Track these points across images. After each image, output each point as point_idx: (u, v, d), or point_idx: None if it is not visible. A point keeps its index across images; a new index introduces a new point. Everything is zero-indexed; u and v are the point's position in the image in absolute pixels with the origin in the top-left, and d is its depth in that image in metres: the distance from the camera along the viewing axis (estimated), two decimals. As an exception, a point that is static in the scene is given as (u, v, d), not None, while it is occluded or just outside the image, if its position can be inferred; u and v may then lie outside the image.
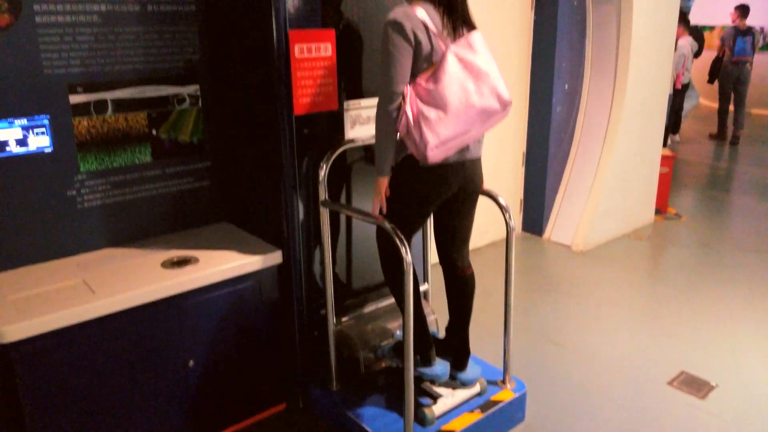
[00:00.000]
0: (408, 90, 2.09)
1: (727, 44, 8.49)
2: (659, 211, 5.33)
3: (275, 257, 2.50)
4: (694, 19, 10.71)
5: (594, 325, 3.46)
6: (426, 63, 2.09)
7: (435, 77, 2.06)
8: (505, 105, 2.11)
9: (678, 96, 7.89)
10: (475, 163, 2.29)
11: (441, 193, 2.23)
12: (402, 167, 2.22)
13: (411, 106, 2.07)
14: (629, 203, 4.91)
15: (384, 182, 2.23)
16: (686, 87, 7.99)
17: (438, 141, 2.06)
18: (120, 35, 2.41)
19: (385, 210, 2.26)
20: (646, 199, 5.12)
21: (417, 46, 2.06)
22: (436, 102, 2.05)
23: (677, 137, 8.52)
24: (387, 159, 2.19)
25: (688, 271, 4.22)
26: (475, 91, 2.06)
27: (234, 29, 2.53)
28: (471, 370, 2.52)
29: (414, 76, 2.10)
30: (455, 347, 2.52)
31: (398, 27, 2.04)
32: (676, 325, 3.46)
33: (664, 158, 5.23)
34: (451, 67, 2.05)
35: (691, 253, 4.58)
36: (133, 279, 2.24)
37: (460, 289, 2.48)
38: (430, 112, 2.05)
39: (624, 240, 4.82)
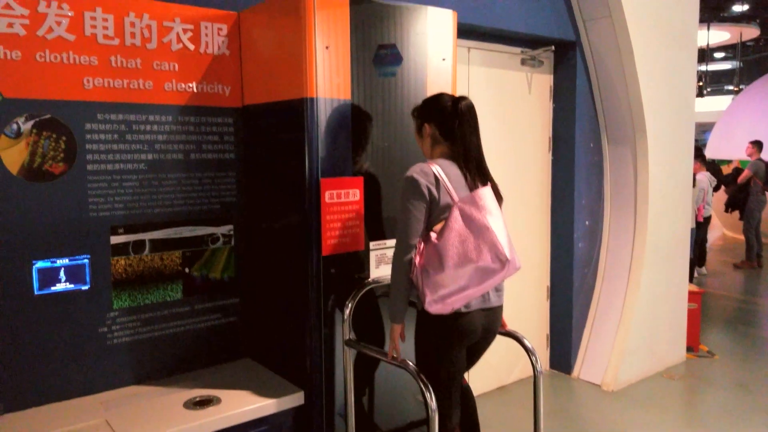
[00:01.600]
0: (420, 243, 2.17)
1: (761, 177, 8.81)
2: (691, 348, 5.18)
3: (297, 398, 2.48)
4: (710, 153, 11.02)
5: (629, 474, 3.28)
6: (441, 216, 2.19)
7: (441, 233, 2.14)
8: (503, 264, 2.11)
9: (701, 229, 7.96)
10: (496, 311, 2.32)
11: (464, 339, 2.25)
12: (424, 315, 2.25)
13: (419, 258, 2.15)
14: (659, 340, 4.80)
15: (398, 329, 2.27)
16: (708, 220, 8.09)
17: (436, 296, 2.11)
18: (163, 181, 2.58)
19: (399, 356, 2.27)
20: (677, 336, 5.01)
21: (431, 202, 2.17)
22: (438, 257, 2.11)
23: (704, 270, 8.48)
24: (400, 307, 2.25)
25: (726, 415, 4.03)
26: (473, 248, 2.09)
27: (270, 175, 2.69)
28: None
29: (428, 229, 2.20)
30: None
31: (414, 183, 2.17)
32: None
33: (691, 294, 5.17)
34: (455, 224, 2.12)
35: (727, 394, 4.40)
36: (155, 420, 2.22)
37: (465, 401, 2.44)
38: (430, 267, 2.12)
39: (656, 379, 4.66)
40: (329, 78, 2.39)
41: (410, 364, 2.19)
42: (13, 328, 2.28)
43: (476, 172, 2.27)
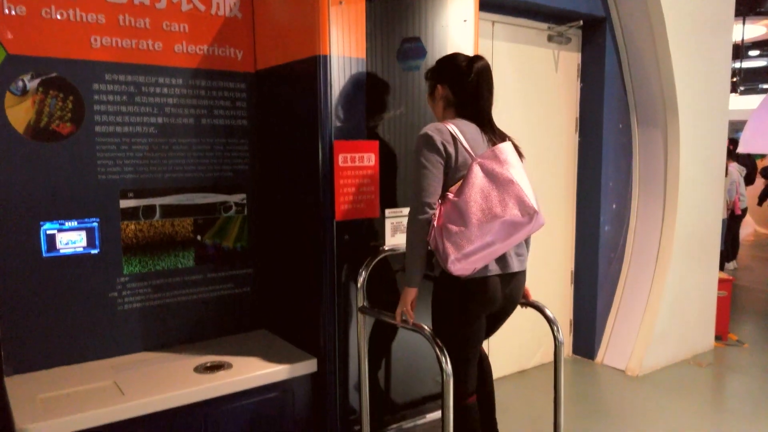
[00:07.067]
0: (438, 203, 2.08)
1: None
2: (719, 337, 5.01)
3: (310, 365, 2.42)
4: (742, 148, 10.68)
5: (655, 459, 3.15)
6: (456, 176, 2.10)
7: (460, 190, 2.04)
8: (531, 216, 2.01)
9: (735, 222, 7.72)
10: (519, 277, 2.22)
11: (485, 307, 2.15)
12: (443, 281, 2.16)
13: (437, 218, 2.06)
14: (687, 327, 4.64)
15: (412, 293, 2.16)
16: (745, 212, 7.84)
17: (459, 254, 2.00)
18: (174, 145, 2.54)
19: (411, 317, 2.18)
20: (705, 323, 4.84)
21: (447, 159, 2.08)
22: (459, 214, 2.01)
23: (732, 264, 8.22)
24: (417, 269, 2.14)
25: (755, 401, 3.86)
26: (498, 201, 2.00)
27: (283, 140, 2.62)
28: None
29: (445, 189, 2.11)
30: None
31: (428, 140, 2.08)
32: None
33: (722, 281, 4.99)
34: (475, 179, 2.02)
35: (756, 381, 4.22)
36: (164, 383, 2.18)
37: (482, 370, 2.38)
38: (452, 225, 2.01)
39: (683, 366, 4.50)
40: (342, 35, 2.31)
41: (425, 327, 2.11)
42: (21, 290, 2.26)
43: (491, 132, 2.19)
